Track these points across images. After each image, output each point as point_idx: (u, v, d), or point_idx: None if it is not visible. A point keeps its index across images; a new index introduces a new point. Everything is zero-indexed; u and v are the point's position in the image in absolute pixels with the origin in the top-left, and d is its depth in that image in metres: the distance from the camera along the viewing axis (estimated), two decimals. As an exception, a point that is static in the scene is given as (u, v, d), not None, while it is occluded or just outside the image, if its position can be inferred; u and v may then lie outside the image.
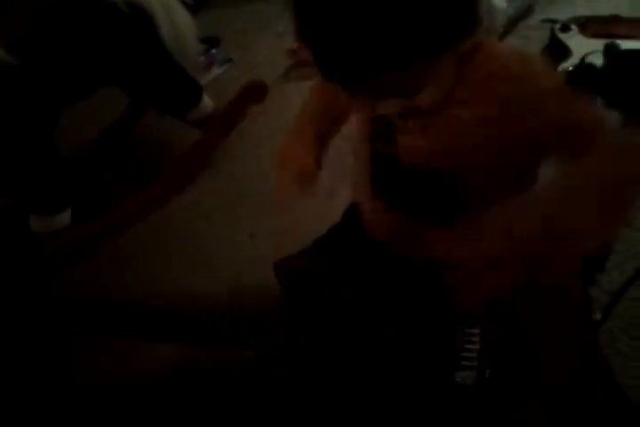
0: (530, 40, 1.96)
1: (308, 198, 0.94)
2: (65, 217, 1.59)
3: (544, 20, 2.01)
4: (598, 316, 1.01)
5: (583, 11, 2.00)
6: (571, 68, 1.72)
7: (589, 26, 1.87)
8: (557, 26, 1.88)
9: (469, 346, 0.84)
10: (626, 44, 1.73)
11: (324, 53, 0.69)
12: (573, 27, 1.87)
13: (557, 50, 1.84)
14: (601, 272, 1.11)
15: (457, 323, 0.85)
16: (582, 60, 1.73)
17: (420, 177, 0.87)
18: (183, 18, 1.68)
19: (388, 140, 0.86)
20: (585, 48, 1.77)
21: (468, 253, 0.75)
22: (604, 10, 1.97)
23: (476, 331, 0.84)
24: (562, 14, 1.98)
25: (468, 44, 0.72)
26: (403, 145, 0.85)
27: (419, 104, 0.76)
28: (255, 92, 1.94)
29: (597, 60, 1.71)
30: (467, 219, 0.89)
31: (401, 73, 0.68)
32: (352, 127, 0.96)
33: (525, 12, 2.07)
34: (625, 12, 1.92)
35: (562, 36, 1.85)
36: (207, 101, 1.79)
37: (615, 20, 1.90)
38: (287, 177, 0.96)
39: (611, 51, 1.71)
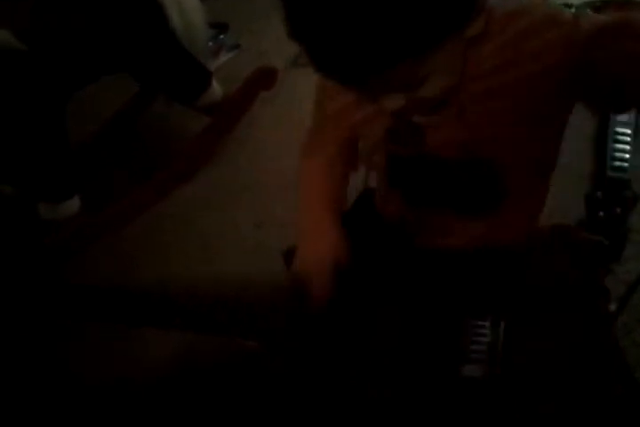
0: (544, 25, 1.92)
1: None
2: (73, 204, 1.59)
3: (559, 5, 1.98)
4: (614, 307, 0.99)
5: (599, -5, 1.96)
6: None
7: (605, 10, 1.84)
8: (572, 10, 1.85)
9: (479, 338, 0.82)
10: (643, 29, 1.70)
11: (318, 54, 0.66)
12: (589, 11, 1.84)
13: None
14: (617, 262, 1.09)
15: (466, 314, 0.84)
16: (598, 45, 1.70)
17: (452, 169, 0.84)
18: (192, 3, 1.66)
19: (413, 144, 0.83)
20: (600, 33, 1.73)
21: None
22: (620, -6, 1.93)
23: (486, 323, 0.83)
24: (577, -1, 1.94)
25: (475, 28, 0.70)
26: (435, 141, 0.82)
27: (424, 95, 0.73)
28: (264, 79, 1.92)
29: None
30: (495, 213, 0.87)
31: (400, 67, 0.65)
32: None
33: (540, -3, 2.03)
34: (642, -5, 1.88)
35: (577, 20, 1.82)
36: (216, 87, 1.78)
37: (631, 3, 1.86)
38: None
39: (627, 36, 1.68)
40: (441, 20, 0.64)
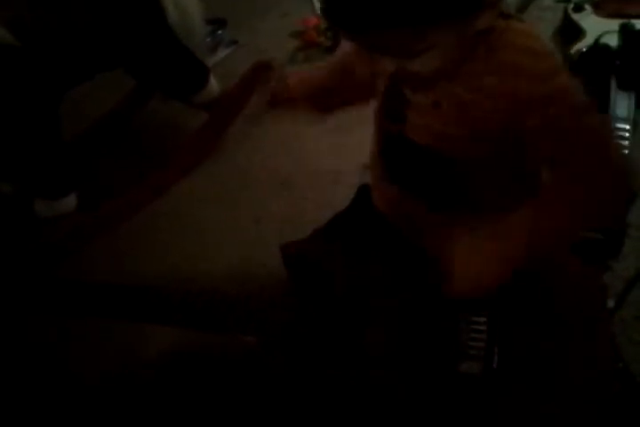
0: (543, 21, 1.92)
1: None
2: (70, 201, 1.58)
3: (557, 1, 1.98)
4: (612, 303, 0.99)
5: (597, -10, 1.95)
6: (585, 49, 1.69)
7: (603, 5, 1.84)
8: (570, 6, 1.85)
9: (475, 335, 0.82)
10: (642, 25, 1.70)
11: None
12: (587, 7, 1.84)
13: (571, 31, 1.81)
14: (615, 258, 1.09)
15: (462, 311, 0.83)
16: (597, 40, 1.69)
17: (423, 158, 0.86)
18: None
19: (398, 117, 0.84)
20: (599, 28, 1.73)
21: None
22: (618, -11, 1.92)
23: (483, 319, 0.83)
24: (576, -6, 1.93)
25: (482, 22, 0.69)
26: (411, 122, 0.83)
27: (411, 69, 0.76)
28: (262, 75, 1.91)
29: (612, 41, 1.67)
30: (464, 209, 0.87)
31: (400, 31, 0.67)
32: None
33: (539, -8, 2.03)
34: (640, -9, 1.87)
35: (575, 16, 1.82)
36: (214, 84, 1.77)
37: (630, -2, 1.86)
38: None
39: (626, 31, 1.67)
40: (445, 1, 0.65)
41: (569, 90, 0.76)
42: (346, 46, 1.00)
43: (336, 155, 1.67)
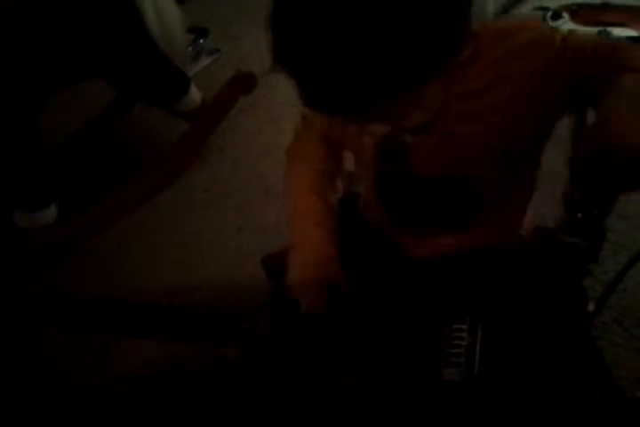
0: (521, 28, 1.94)
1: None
2: (50, 213, 1.56)
3: (536, 8, 2.00)
4: (591, 307, 1.00)
5: (574, -2, 1.98)
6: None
7: (580, 13, 1.86)
8: (549, 14, 1.87)
9: (457, 342, 0.82)
10: (617, 32, 1.72)
11: (304, 82, 0.65)
12: (565, 14, 1.86)
13: (549, 38, 1.82)
14: (595, 262, 1.10)
15: (443, 318, 0.84)
16: (574, 48, 1.71)
17: (434, 188, 0.85)
18: (170, 8, 1.65)
19: (399, 162, 0.83)
20: (576, 36, 1.75)
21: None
22: (595, -3, 1.95)
23: (464, 326, 0.83)
24: (554, 2, 1.96)
25: (463, 55, 0.70)
26: (418, 162, 0.82)
27: (409, 125, 0.75)
28: (244, 84, 1.91)
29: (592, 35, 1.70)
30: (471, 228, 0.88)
31: (389, 101, 0.65)
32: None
33: (517, 0, 2.05)
34: (616, -1, 1.91)
35: (553, 24, 1.84)
36: (195, 93, 1.77)
37: (606, 7, 1.89)
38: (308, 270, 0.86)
39: (603, 38, 1.70)
40: (433, 55, 0.63)
41: (568, 36, 0.76)
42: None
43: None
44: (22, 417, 1.22)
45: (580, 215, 1.19)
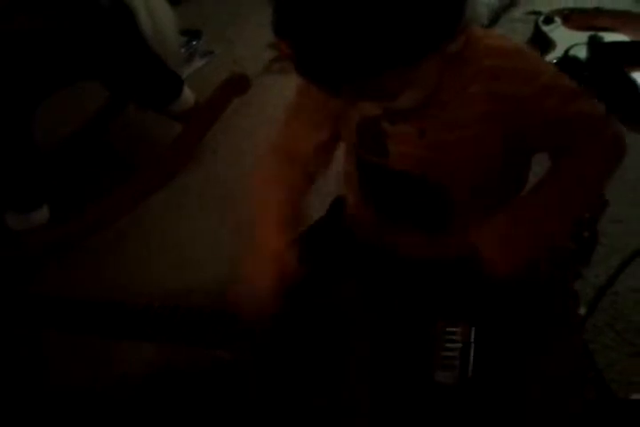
0: (514, 32, 1.95)
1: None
2: (42, 214, 1.55)
3: (528, 13, 2.01)
4: (583, 310, 1.01)
5: (567, 3, 2.00)
6: (555, 61, 1.72)
7: (573, 18, 1.88)
8: (541, 18, 1.89)
9: (450, 345, 0.82)
10: (609, 37, 1.74)
11: (303, 52, 0.66)
12: (557, 19, 1.87)
13: (541, 42, 1.84)
14: (587, 266, 1.10)
15: (437, 321, 0.84)
16: (566, 52, 1.73)
17: (406, 184, 0.85)
18: (163, 10, 1.65)
19: (376, 149, 0.83)
20: (568, 40, 1.77)
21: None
22: (587, 2, 1.97)
23: (458, 329, 0.83)
24: (546, 6, 1.97)
25: (455, 44, 0.70)
26: (394, 153, 0.82)
27: (400, 107, 0.75)
28: (237, 86, 1.91)
29: (581, 53, 1.71)
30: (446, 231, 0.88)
31: (381, 77, 0.66)
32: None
33: (510, 4, 2.06)
34: (607, 4, 1.92)
35: (545, 28, 1.86)
36: (188, 94, 1.76)
37: (598, 12, 1.90)
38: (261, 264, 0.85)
39: (594, 43, 1.71)
40: (429, 34, 0.64)
41: (556, 80, 0.77)
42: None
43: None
44: (21, 418, 1.21)
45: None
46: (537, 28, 1.87)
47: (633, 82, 1.61)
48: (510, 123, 0.77)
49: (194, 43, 2.09)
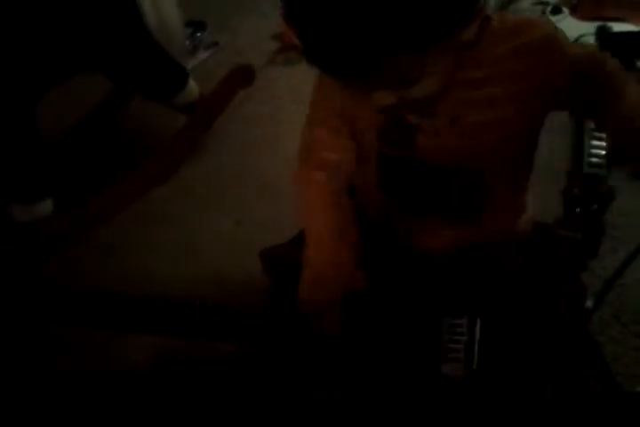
0: (521, 23, 1.93)
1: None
2: (46, 205, 1.56)
3: (536, 3, 2.00)
4: (590, 303, 1.00)
5: (575, -7, 1.97)
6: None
7: (580, 8, 1.86)
8: (548, 8, 1.87)
9: (456, 337, 0.82)
10: (618, 27, 1.72)
11: (313, 38, 0.64)
12: (564, 9, 1.85)
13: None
14: (594, 258, 1.10)
15: (443, 314, 0.84)
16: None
17: (438, 176, 0.85)
18: (168, 1, 1.64)
19: (403, 144, 0.82)
20: (576, 31, 1.75)
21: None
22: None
23: (463, 322, 0.83)
24: (553, -4, 1.95)
25: (471, 30, 0.69)
26: (422, 145, 0.82)
27: (415, 96, 0.73)
28: (242, 77, 1.91)
29: (589, 43, 1.69)
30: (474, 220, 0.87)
31: (396, 62, 0.65)
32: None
33: (517, -5, 2.04)
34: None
35: (553, 18, 1.84)
36: (193, 86, 1.76)
37: (605, 2, 1.88)
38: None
39: (603, 34, 1.69)
40: (444, 17, 0.64)
41: (578, 46, 0.80)
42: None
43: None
44: (22, 412, 1.21)
45: (578, 210, 1.20)
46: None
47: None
48: (539, 82, 0.76)
49: (198, 34, 2.08)
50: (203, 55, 2.07)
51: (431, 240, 0.90)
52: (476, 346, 0.81)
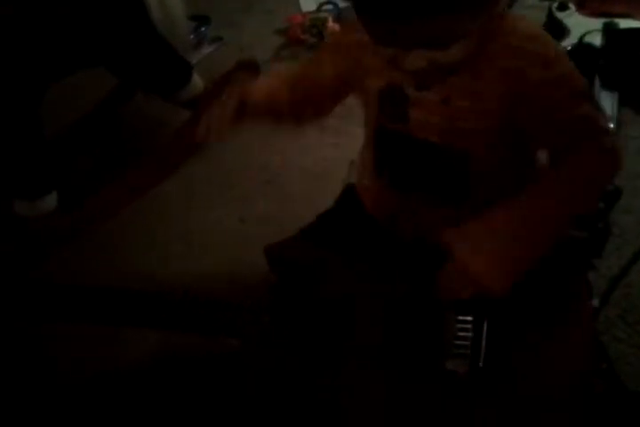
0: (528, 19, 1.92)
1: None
2: (50, 201, 1.55)
3: (542, -1, 1.98)
4: (596, 302, 1.00)
5: (581, -11, 1.96)
6: (569, 48, 1.69)
7: (587, 4, 1.84)
8: (555, 4, 1.86)
9: (462, 333, 0.82)
10: (625, 23, 1.71)
11: None
12: (571, 5, 1.84)
13: (555, 29, 1.81)
14: (599, 257, 1.09)
15: (448, 309, 0.83)
16: (581, 39, 1.70)
17: (426, 151, 0.85)
18: (172, -5, 1.64)
19: (398, 116, 0.84)
20: (583, 27, 1.74)
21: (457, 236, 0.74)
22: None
23: (469, 318, 0.83)
24: (560, -8, 1.93)
25: (501, 6, 0.72)
26: (416, 120, 0.83)
27: (445, 60, 0.75)
28: (247, 72, 1.90)
29: (596, 40, 1.68)
30: (467, 203, 0.87)
31: (438, 21, 0.67)
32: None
33: (523, -9, 2.03)
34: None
35: (559, 15, 1.83)
36: (197, 81, 1.75)
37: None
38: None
39: (609, 30, 1.68)
40: None
41: (572, 75, 0.78)
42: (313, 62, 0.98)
43: (323, 152, 1.66)
44: (23, 409, 1.21)
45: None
46: (551, 14, 1.85)
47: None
48: (519, 106, 0.77)
49: (202, 29, 2.07)
50: (207, 50, 2.06)
51: (429, 222, 0.90)
52: (483, 342, 0.81)
